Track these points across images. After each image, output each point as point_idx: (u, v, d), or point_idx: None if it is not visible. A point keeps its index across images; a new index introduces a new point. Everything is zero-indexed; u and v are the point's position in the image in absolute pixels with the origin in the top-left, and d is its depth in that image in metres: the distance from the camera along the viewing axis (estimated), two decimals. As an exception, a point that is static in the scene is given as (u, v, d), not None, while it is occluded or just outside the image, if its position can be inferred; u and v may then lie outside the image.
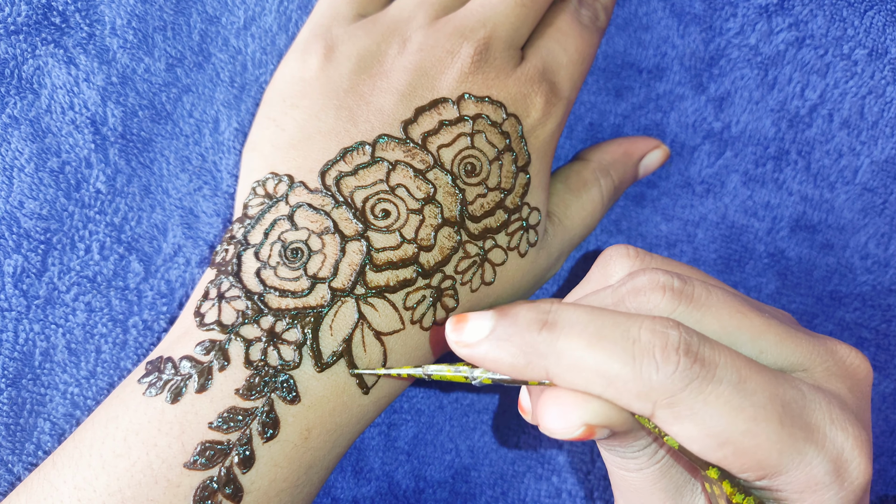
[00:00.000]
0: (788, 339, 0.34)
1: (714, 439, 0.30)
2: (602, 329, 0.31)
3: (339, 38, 0.46)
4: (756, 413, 0.30)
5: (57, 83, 0.48)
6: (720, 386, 0.30)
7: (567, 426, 0.32)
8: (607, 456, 0.36)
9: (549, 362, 0.32)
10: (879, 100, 0.54)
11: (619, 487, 0.37)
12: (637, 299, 0.34)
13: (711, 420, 0.30)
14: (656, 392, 0.30)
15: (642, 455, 0.35)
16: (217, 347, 0.38)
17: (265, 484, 0.37)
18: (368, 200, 0.41)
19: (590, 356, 0.31)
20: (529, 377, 0.33)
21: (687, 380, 0.30)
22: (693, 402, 0.30)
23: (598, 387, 0.31)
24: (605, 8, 0.51)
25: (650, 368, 0.30)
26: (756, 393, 0.31)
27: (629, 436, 0.33)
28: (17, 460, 0.45)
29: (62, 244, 0.47)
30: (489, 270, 0.44)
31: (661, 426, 0.31)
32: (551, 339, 0.32)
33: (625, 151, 0.52)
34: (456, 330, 0.34)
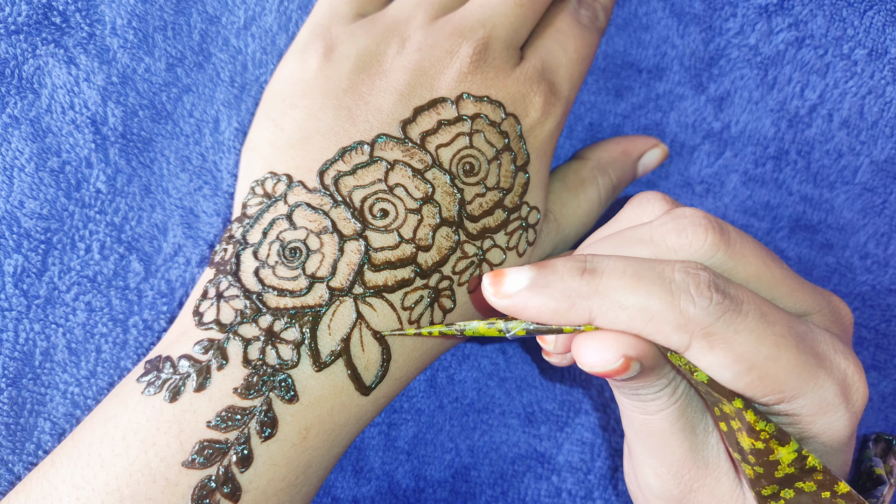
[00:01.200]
0: (798, 289, 0.38)
1: (742, 365, 0.33)
2: (639, 272, 0.34)
3: (339, 37, 0.46)
4: (777, 341, 0.33)
5: (57, 83, 0.48)
6: (747, 318, 0.33)
7: (607, 359, 0.34)
8: (627, 403, 0.38)
9: (593, 304, 0.34)
10: (879, 100, 0.54)
11: (638, 433, 0.39)
12: (680, 238, 0.36)
13: (741, 348, 0.33)
14: (693, 324, 0.33)
15: (662, 395, 0.37)
16: (215, 346, 0.38)
17: (263, 483, 0.37)
18: (367, 200, 0.41)
19: (631, 295, 0.33)
20: (571, 321, 0.35)
21: (720, 312, 0.33)
22: (725, 332, 0.33)
23: (640, 323, 0.33)
24: (605, 8, 0.51)
25: (687, 303, 0.33)
26: (776, 324, 0.34)
27: (654, 374, 0.35)
28: (18, 460, 0.46)
29: (62, 244, 0.47)
30: (487, 270, 0.44)
31: (693, 359, 0.33)
32: (593, 283, 0.34)
33: (623, 150, 0.52)
34: (494, 283, 0.36)
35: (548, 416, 0.54)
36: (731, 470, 0.38)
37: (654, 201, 0.40)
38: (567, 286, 0.34)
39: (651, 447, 0.39)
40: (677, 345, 0.33)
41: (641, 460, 0.40)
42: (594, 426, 0.54)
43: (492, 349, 0.53)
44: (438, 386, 0.53)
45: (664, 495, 0.39)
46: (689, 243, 0.36)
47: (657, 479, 0.39)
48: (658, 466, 0.39)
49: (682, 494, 0.39)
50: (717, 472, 0.38)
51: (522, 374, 0.54)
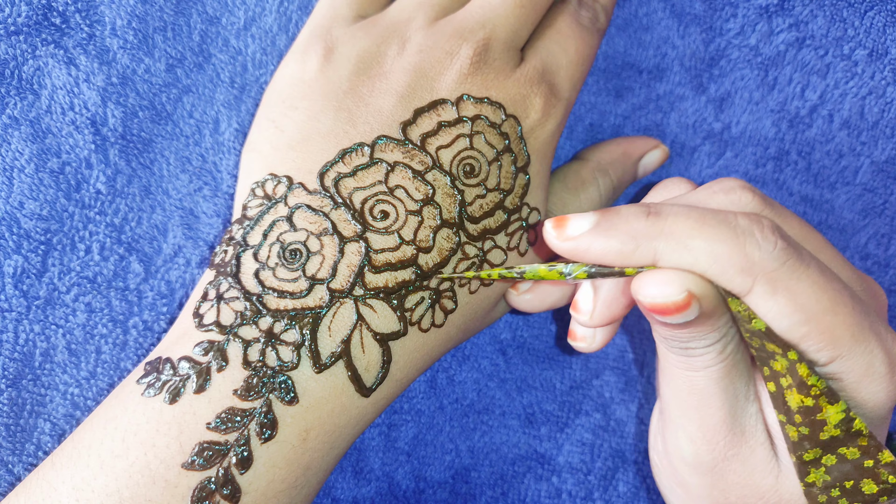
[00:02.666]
0: (839, 260, 0.39)
1: (802, 314, 0.33)
2: (703, 215, 0.34)
3: (339, 39, 0.46)
4: (835, 297, 0.33)
5: (57, 84, 0.48)
6: (809, 268, 0.34)
7: (670, 291, 0.34)
8: (673, 359, 0.39)
9: (658, 244, 0.34)
10: (880, 100, 0.54)
11: (678, 392, 0.39)
12: (729, 196, 0.38)
13: (802, 297, 0.33)
14: (758, 267, 0.33)
15: (711, 351, 0.37)
16: (215, 348, 0.38)
17: (263, 485, 0.37)
18: (367, 202, 0.41)
19: (697, 236, 0.34)
20: (635, 262, 0.35)
21: (784, 258, 0.33)
22: (788, 279, 0.33)
23: (705, 264, 0.34)
24: (605, 9, 0.51)
25: (753, 246, 0.33)
26: (835, 279, 0.34)
27: (709, 322, 0.35)
28: (18, 461, 0.46)
29: (62, 245, 0.47)
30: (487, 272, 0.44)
31: (754, 304, 0.34)
32: (658, 224, 0.35)
33: (623, 151, 0.52)
34: (558, 226, 0.37)
35: (548, 417, 0.54)
36: (767, 442, 0.38)
37: (679, 184, 0.42)
38: (632, 227, 0.35)
39: (690, 408, 0.39)
40: (740, 288, 0.33)
41: (676, 424, 0.40)
42: (594, 427, 0.54)
43: (492, 350, 0.54)
44: (438, 387, 0.53)
45: (695, 462, 0.40)
46: (739, 198, 0.38)
47: (691, 443, 0.40)
48: (693, 430, 0.39)
49: (713, 461, 0.39)
50: (753, 441, 0.38)
51: (522, 375, 0.54)
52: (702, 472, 0.40)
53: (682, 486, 0.42)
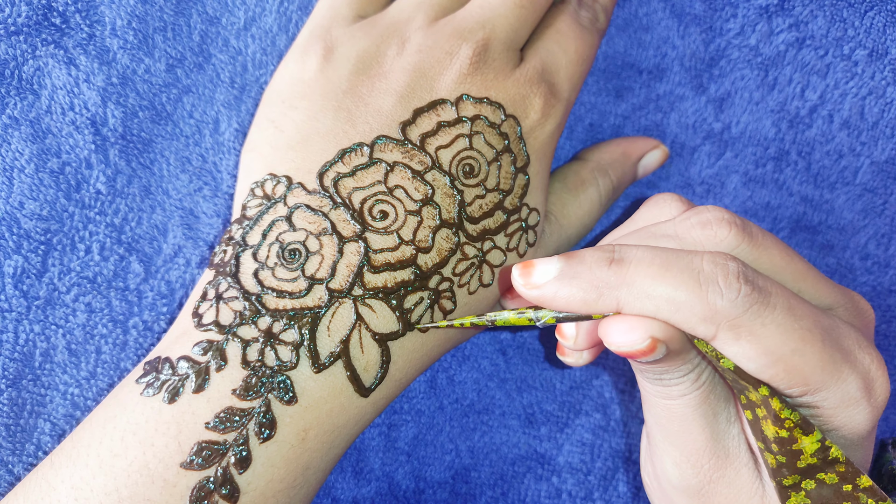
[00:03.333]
0: (821, 283, 0.39)
1: (769, 357, 0.33)
2: (667, 262, 0.34)
3: (339, 39, 0.46)
4: (803, 335, 0.33)
5: (57, 84, 0.48)
6: (774, 311, 0.33)
7: (634, 339, 0.34)
8: (650, 388, 0.39)
9: (621, 293, 0.35)
10: (880, 100, 0.54)
11: (659, 420, 0.39)
12: (704, 231, 0.38)
13: (767, 340, 0.33)
14: (720, 315, 0.33)
15: (685, 381, 0.37)
16: (214, 348, 0.38)
17: (262, 484, 0.37)
18: (366, 202, 0.41)
19: (659, 285, 0.34)
20: (599, 310, 0.35)
21: (747, 304, 0.33)
22: (752, 325, 0.33)
23: (667, 313, 0.34)
24: (605, 9, 0.51)
25: (715, 295, 0.33)
26: (803, 318, 0.34)
27: (678, 358, 0.36)
28: (18, 461, 0.46)
29: (62, 245, 0.47)
30: (487, 272, 0.44)
31: (720, 348, 0.34)
32: (621, 273, 0.35)
33: (623, 151, 0.52)
34: (524, 274, 0.37)
35: (548, 418, 0.54)
36: (752, 462, 0.38)
37: (670, 201, 0.42)
38: (595, 276, 0.35)
39: (672, 434, 0.39)
40: (703, 334, 0.34)
41: (661, 449, 0.40)
42: (594, 427, 0.54)
43: (492, 350, 0.53)
44: (439, 387, 0.53)
45: (682, 485, 0.40)
46: (714, 235, 0.37)
47: (676, 468, 0.40)
48: (678, 455, 0.39)
49: (700, 485, 0.39)
50: (738, 462, 0.38)
51: (522, 376, 0.54)
52: (690, 496, 0.40)
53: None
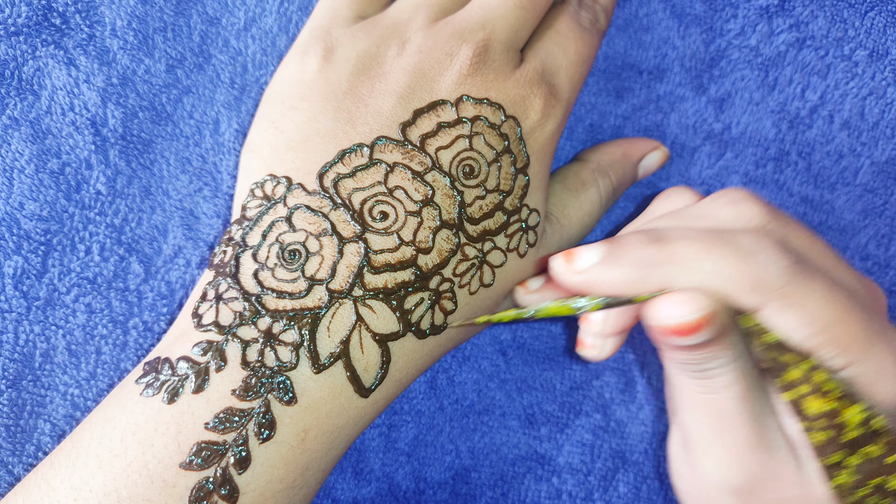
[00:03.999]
0: (842, 266, 0.39)
1: (815, 326, 0.34)
2: (709, 238, 0.36)
3: (339, 39, 0.46)
4: (844, 305, 0.35)
5: (57, 84, 0.48)
6: (816, 281, 0.35)
7: (686, 311, 0.34)
8: (691, 385, 0.39)
9: (667, 270, 0.35)
10: (880, 101, 0.54)
11: (701, 417, 0.39)
12: (735, 209, 0.39)
13: (812, 309, 0.34)
14: (767, 286, 0.34)
15: (729, 370, 0.37)
16: (214, 348, 0.38)
17: (261, 485, 0.37)
18: (366, 202, 0.41)
19: (705, 259, 0.35)
20: (647, 289, 0.36)
21: (791, 274, 0.34)
22: (797, 294, 0.34)
23: (717, 284, 0.35)
24: (605, 10, 0.51)
25: (760, 266, 0.34)
26: (840, 288, 0.35)
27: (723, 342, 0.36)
28: (18, 461, 0.46)
29: (62, 245, 0.47)
30: (488, 272, 0.43)
31: (766, 319, 0.35)
32: (666, 250, 0.36)
33: (623, 152, 0.52)
34: (568, 261, 0.38)
35: (548, 418, 0.54)
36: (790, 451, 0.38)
37: (683, 192, 0.43)
38: (639, 256, 0.36)
39: (715, 431, 0.39)
40: (752, 305, 0.35)
41: (703, 450, 0.40)
42: (594, 428, 0.54)
43: (492, 351, 0.53)
44: (439, 387, 0.53)
45: (728, 486, 0.40)
46: (744, 212, 0.38)
47: (720, 469, 0.39)
48: (722, 454, 0.39)
49: (746, 482, 0.39)
50: (779, 454, 0.38)
51: (523, 376, 0.54)
52: (735, 495, 0.40)
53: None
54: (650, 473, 0.54)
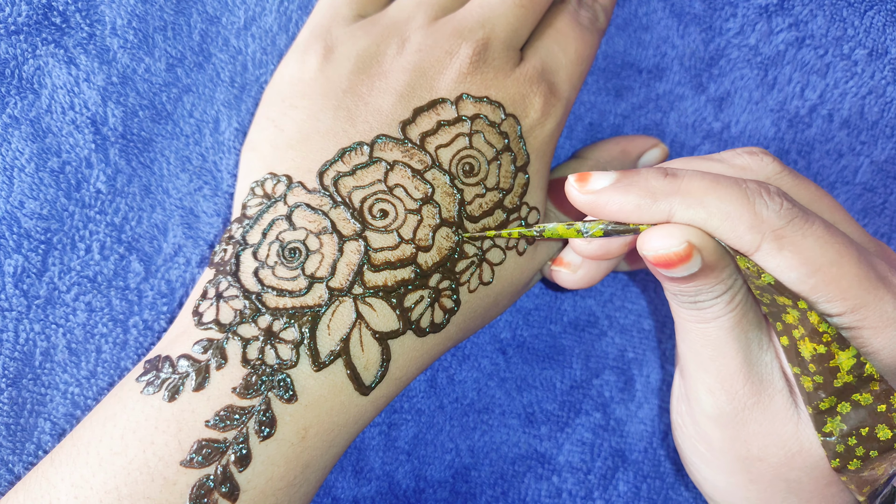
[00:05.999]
0: (852, 222, 0.42)
1: (809, 267, 0.35)
2: (716, 177, 0.37)
3: (339, 38, 0.46)
4: (840, 249, 0.36)
5: (57, 83, 0.48)
6: (813, 225, 0.36)
7: (671, 243, 0.36)
8: (684, 314, 0.40)
9: (673, 201, 0.37)
10: (879, 100, 0.54)
11: (693, 346, 0.41)
12: (751, 157, 0.41)
13: (808, 251, 0.35)
14: (765, 225, 0.35)
15: (719, 302, 0.39)
16: (215, 346, 0.38)
17: (262, 483, 0.37)
18: (366, 200, 0.41)
19: (710, 195, 0.36)
20: (650, 218, 0.37)
21: (789, 216, 0.35)
22: (794, 236, 0.35)
23: (717, 220, 0.36)
24: (605, 9, 0.51)
25: (761, 206, 0.36)
26: (839, 235, 0.36)
27: (713, 275, 0.37)
28: (18, 460, 0.46)
29: (62, 244, 0.47)
30: (487, 270, 0.44)
31: (762, 260, 0.36)
32: (675, 183, 0.37)
33: (622, 150, 0.52)
34: (580, 181, 0.39)
35: (548, 417, 0.54)
36: (786, 389, 0.40)
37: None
38: (650, 184, 0.37)
39: (706, 360, 0.40)
40: (749, 244, 0.36)
41: (695, 378, 0.42)
42: (594, 426, 0.54)
43: (492, 350, 0.54)
44: (439, 386, 0.53)
45: (716, 413, 0.41)
46: (760, 160, 0.41)
47: (710, 395, 0.41)
48: (711, 381, 0.40)
49: (735, 412, 0.40)
50: (771, 389, 0.40)
51: (522, 375, 0.54)
52: (723, 424, 0.41)
53: (705, 442, 0.43)
54: (650, 472, 0.54)
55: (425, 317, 0.42)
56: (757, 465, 0.41)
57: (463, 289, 0.43)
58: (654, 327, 0.55)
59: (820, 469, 0.39)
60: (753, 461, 0.41)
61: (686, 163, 0.42)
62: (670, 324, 0.55)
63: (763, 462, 0.40)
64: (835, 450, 0.38)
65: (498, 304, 0.46)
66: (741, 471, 0.41)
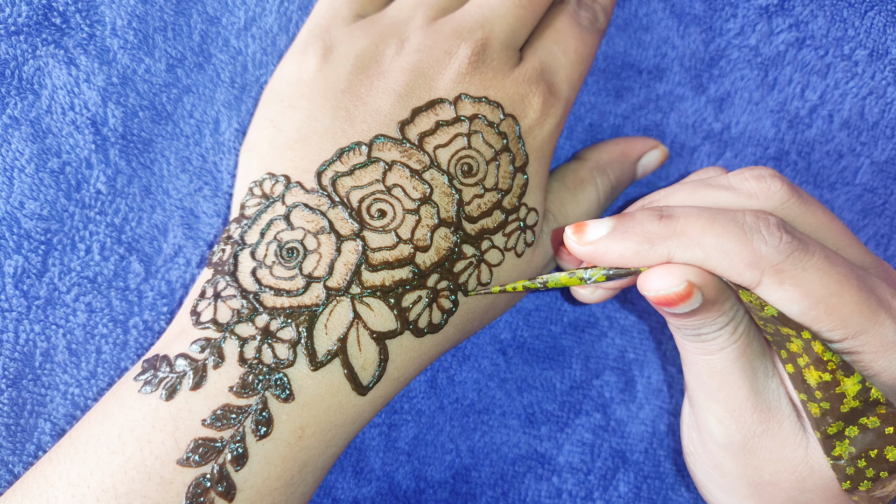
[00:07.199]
0: (857, 246, 0.42)
1: (810, 300, 0.36)
2: (713, 215, 0.38)
3: (338, 38, 0.46)
4: (840, 279, 0.36)
5: (57, 84, 0.48)
6: (813, 257, 0.36)
7: (671, 283, 0.37)
8: (689, 346, 0.41)
9: (671, 244, 0.37)
10: (880, 101, 0.54)
11: (700, 377, 0.42)
12: (759, 183, 0.41)
13: (808, 284, 0.36)
14: (765, 261, 0.36)
15: (723, 334, 0.39)
16: (212, 345, 0.38)
17: (258, 482, 0.37)
18: (364, 200, 0.41)
19: (707, 235, 0.37)
20: (650, 261, 0.38)
21: (789, 251, 0.36)
22: (794, 270, 0.36)
23: (715, 260, 0.37)
24: (605, 9, 0.51)
25: (759, 242, 0.36)
26: (839, 265, 0.37)
27: (715, 308, 0.38)
28: (18, 461, 0.46)
29: (63, 245, 0.47)
30: (485, 271, 0.43)
31: (764, 294, 0.36)
32: (671, 225, 0.38)
33: (622, 151, 0.52)
34: (577, 232, 0.40)
35: (548, 417, 0.53)
36: (794, 415, 0.40)
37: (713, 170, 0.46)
38: (646, 229, 0.38)
39: (713, 390, 0.41)
40: (749, 281, 0.36)
41: (704, 408, 0.42)
42: (594, 427, 0.54)
43: (492, 350, 0.53)
44: (439, 387, 0.53)
45: (727, 442, 0.41)
46: (768, 187, 0.40)
47: (720, 425, 0.41)
48: (720, 411, 0.41)
49: (745, 440, 0.41)
50: (780, 415, 0.40)
51: (523, 375, 0.54)
52: (735, 452, 0.41)
53: (718, 469, 0.43)
54: (650, 473, 0.54)
55: (423, 317, 0.42)
56: (769, 490, 0.41)
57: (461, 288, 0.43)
58: (654, 328, 0.55)
59: (830, 490, 0.40)
60: (766, 486, 0.41)
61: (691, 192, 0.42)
62: (670, 324, 0.55)
63: (775, 486, 0.41)
64: (845, 472, 0.38)
65: (496, 305, 0.46)
66: (754, 496, 0.42)
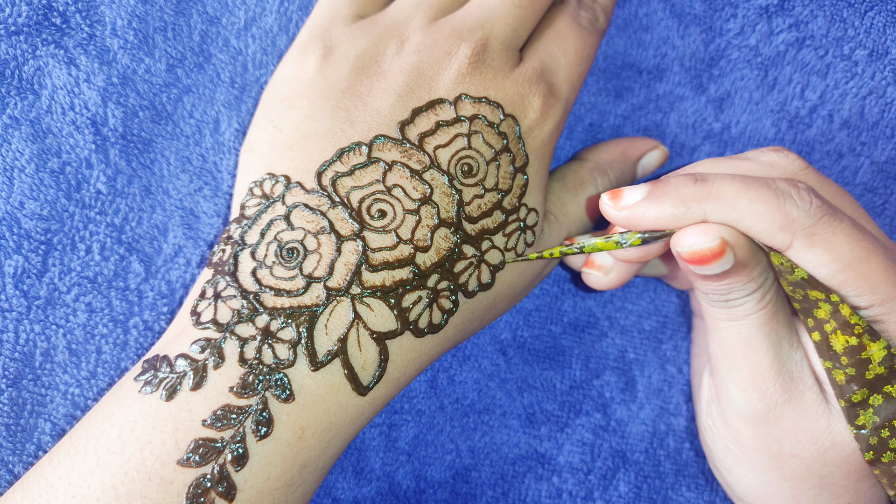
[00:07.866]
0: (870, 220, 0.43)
1: (840, 263, 0.37)
2: (746, 179, 0.39)
3: (338, 38, 0.46)
4: (868, 246, 0.37)
5: (57, 84, 0.48)
6: (843, 222, 0.38)
7: (706, 239, 0.38)
8: (717, 313, 0.42)
9: (706, 206, 0.38)
10: (880, 100, 0.54)
11: (724, 344, 0.43)
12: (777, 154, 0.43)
13: (838, 248, 0.37)
14: (796, 224, 0.37)
15: (750, 300, 0.40)
16: (212, 346, 0.38)
17: (259, 482, 0.37)
18: (364, 201, 0.41)
19: (741, 197, 0.38)
20: (686, 223, 0.39)
21: (819, 214, 0.37)
22: (824, 233, 0.37)
23: (749, 221, 0.38)
24: (605, 10, 0.51)
25: (791, 206, 0.37)
26: (865, 231, 0.38)
27: (745, 272, 0.39)
28: (18, 461, 0.46)
29: (63, 245, 0.47)
30: (486, 271, 0.43)
31: (794, 257, 0.38)
32: (706, 188, 0.39)
33: (622, 151, 0.52)
34: (614, 198, 0.41)
35: (548, 417, 0.53)
36: (816, 386, 0.41)
37: None
38: (681, 193, 0.39)
39: (737, 357, 0.42)
40: (781, 243, 0.38)
41: (726, 376, 0.43)
42: (594, 427, 0.54)
43: (492, 350, 0.53)
44: (439, 387, 0.53)
45: (749, 411, 0.42)
46: (786, 156, 0.42)
47: (742, 392, 0.42)
48: (743, 378, 0.42)
49: (766, 409, 0.42)
50: (802, 385, 0.41)
51: (523, 375, 0.54)
52: (756, 421, 0.42)
53: (738, 441, 0.44)
54: (650, 473, 0.54)
55: (423, 317, 0.42)
56: (790, 462, 0.42)
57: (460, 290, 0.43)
58: (654, 328, 0.55)
59: (852, 463, 0.40)
60: (786, 458, 0.42)
61: (714, 164, 0.43)
62: (671, 325, 0.55)
63: (796, 458, 0.41)
64: (868, 442, 0.39)
65: (496, 305, 0.46)
66: (774, 467, 0.42)
